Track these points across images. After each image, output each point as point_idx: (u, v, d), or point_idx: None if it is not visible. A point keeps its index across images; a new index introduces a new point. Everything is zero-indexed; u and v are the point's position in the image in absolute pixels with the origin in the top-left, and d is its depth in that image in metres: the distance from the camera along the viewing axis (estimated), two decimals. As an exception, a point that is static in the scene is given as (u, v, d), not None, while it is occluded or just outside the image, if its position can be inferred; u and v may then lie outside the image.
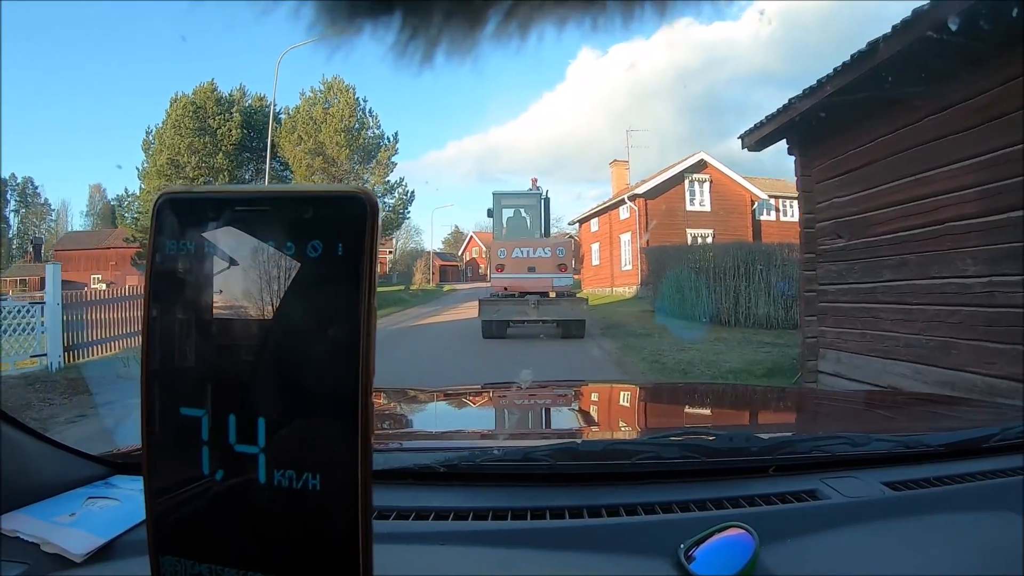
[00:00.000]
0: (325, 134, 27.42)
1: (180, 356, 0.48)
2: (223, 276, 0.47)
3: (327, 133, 27.38)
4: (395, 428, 1.57)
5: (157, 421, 0.49)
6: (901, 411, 1.98)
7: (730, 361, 9.92)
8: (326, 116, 27.89)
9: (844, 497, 0.96)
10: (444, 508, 0.91)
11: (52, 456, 0.95)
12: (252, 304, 0.46)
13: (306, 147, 27.33)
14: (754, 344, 11.88)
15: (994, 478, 1.05)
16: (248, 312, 0.46)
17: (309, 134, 27.69)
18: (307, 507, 0.46)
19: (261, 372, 0.47)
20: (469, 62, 0.43)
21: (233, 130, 28.73)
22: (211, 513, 0.48)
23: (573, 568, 0.79)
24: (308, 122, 27.96)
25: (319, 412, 0.46)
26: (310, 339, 0.46)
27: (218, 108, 29.16)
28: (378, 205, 0.46)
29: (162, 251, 0.48)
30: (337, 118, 27.79)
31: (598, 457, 1.03)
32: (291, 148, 27.70)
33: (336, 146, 27.29)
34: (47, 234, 57.34)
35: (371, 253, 0.44)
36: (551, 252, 13.22)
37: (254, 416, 0.46)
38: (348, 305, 0.44)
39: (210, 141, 28.48)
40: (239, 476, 0.47)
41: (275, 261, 0.45)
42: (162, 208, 0.48)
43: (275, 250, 0.45)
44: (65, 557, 0.75)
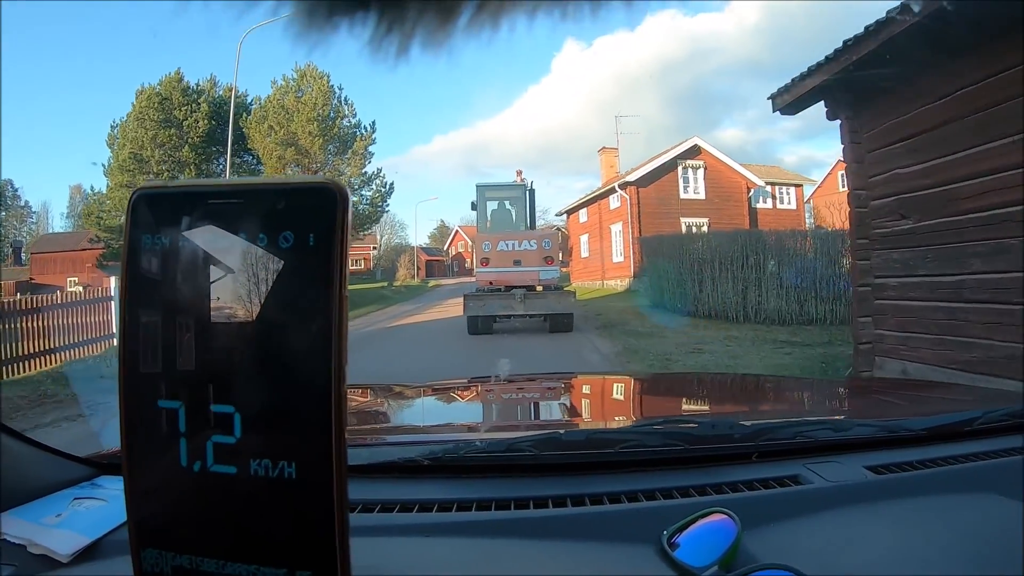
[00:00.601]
0: (297, 124, 25.77)
1: (157, 350, 0.48)
2: (198, 270, 0.47)
3: (299, 123, 25.73)
4: (381, 423, 1.64)
5: (135, 414, 0.49)
6: (884, 396, 2.01)
7: (750, 366, 8.72)
8: (298, 105, 26.24)
9: (826, 481, 0.98)
10: (428, 500, 0.92)
11: (38, 459, 0.96)
12: (227, 296, 0.47)
13: (277, 138, 25.68)
14: (770, 344, 10.76)
15: (976, 460, 1.07)
16: (223, 304, 0.47)
17: (281, 124, 26.02)
18: (283, 495, 0.47)
19: (237, 363, 0.47)
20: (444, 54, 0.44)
21: (200, 121, 27.02)
22: (190, 504, 0.49)
23: (557, 557, 0.81)
24: (279, 111, 26.26)
25: (293, 401, 0.46)
26: (283, 329, 0.46)
27: (184, 99, 27.45)
28: (348, 196, 0.46)
29: (138, 246, 0.48)
30: (310, 106, 26.11)
31: (581, 446, 1.06)
32: (261, 139, 26.05)
33: (309, 136, 25.64)
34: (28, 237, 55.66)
35: (342, 243, 0.45)
36: (537, 244, 12.89)
37: (230, 407, 0.47)
38: (320, 294, 0.45)
39: (176, 133, 26.80)
40: (216, 466, 0.48)
41: (248, 253, 0.46)
42: (137, 204, 0.49)
43: (248, 242, 0.46)
44: (52, 557, 0.77)
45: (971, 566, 0.75)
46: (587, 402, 2.03)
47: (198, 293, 0.47)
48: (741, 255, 14.17)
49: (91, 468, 1.01)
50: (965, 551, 0.78)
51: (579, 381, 2.40)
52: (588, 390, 2.19)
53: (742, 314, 13.90)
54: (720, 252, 14.52)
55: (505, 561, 0.79)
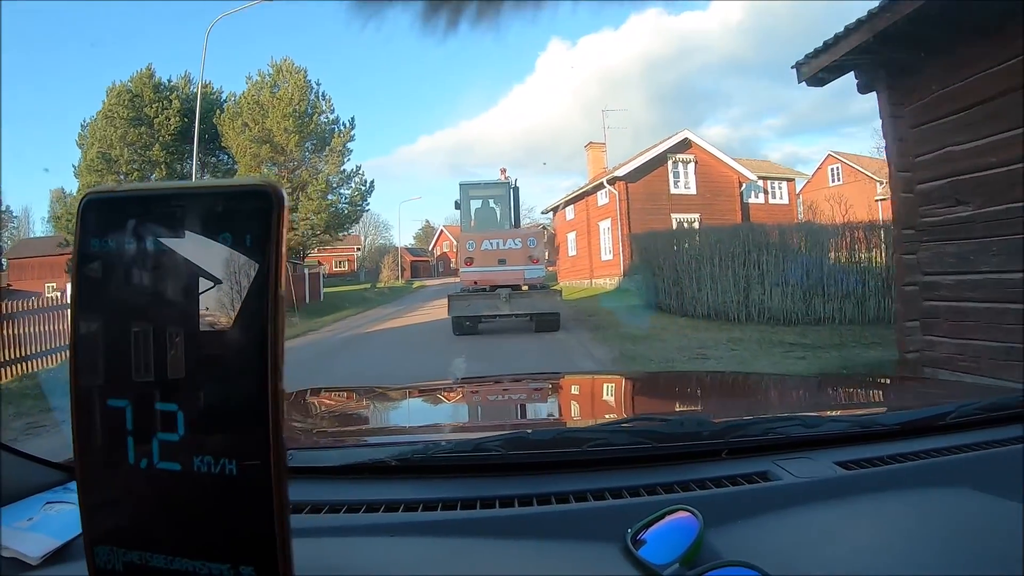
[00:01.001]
0: (272, 120, 24.61)
1: (106, 351, 0.49)
2: (143, 272, 0.49)
3: (274, 119, 24.57)
4: (354, 425, 1.67)
5: (85, 414, 0.50)
6: (857, 392, 2.02)
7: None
8: (274, 100, 25.08)
9: (795, 477, 0.97)
10: (395, 500, 0.92)
11: (11, 464, 0.96)
12: (170, 297, 0.48)
13: (251, 134, 24.51)
14: (779, 347, 9.98)
15: (949, 455, 1.07)
16: (167, 305, 0.48)
17: (256, 120, 24.82)
18: (226, 491, 0.48)
19: (179, 362, 0.48)
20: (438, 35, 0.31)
21: (172, 119, 25.89)
22: (138, 501, 0.50)
23: (522, 556, 0.81)
24: (254, 107, 25.10)
25: (232, 399, 0.48)
26: (223, 328, 0.47)
27: (156, 96, 26.34)
28: (284, 196, 0.47)
29: (87, 249, 0.50)
30: (285, 101, 24.92)
31: (548, 446, 1.05)
32: (235, 136, 24.86)
33: (284, 133, 24.47)
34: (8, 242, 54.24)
35: (277, 243, 0.46)
36: (522, 243, 12.81)
37: (174, 405, 0.48)
38: (256, 293, 0.46)
39: (146, 132, 25.66)
40: (162, 463, 0.49)
41: (191, 251, 0.47)
42: (86, 208, 0.50)
43: (192, 241, 0.48)
44: (22, 560, 0.77)
45: (943, 560, 0.74)
46: (564, 401, 2.02)
47: (143, 296, 0.48)
48: (743, 251, 13.33)
49: (64, 473, 1.00)
50: (937, 545, 0.79)
51: (560, 381, 2.39)
52: (567, 390, 2.19)
53: (744, 313, 13.11)
54: (720, 248, 13.67)
55: (469, 560, 0.79)
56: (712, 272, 13.64)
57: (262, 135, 24.59)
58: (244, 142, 24.48)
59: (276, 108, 24.79)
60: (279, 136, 24.54)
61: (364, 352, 11.44)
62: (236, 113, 25.40)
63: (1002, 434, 1.16)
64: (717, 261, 13.57)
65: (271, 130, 24.61)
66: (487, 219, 14.81)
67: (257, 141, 24.45)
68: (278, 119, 24.53)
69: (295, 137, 24.60)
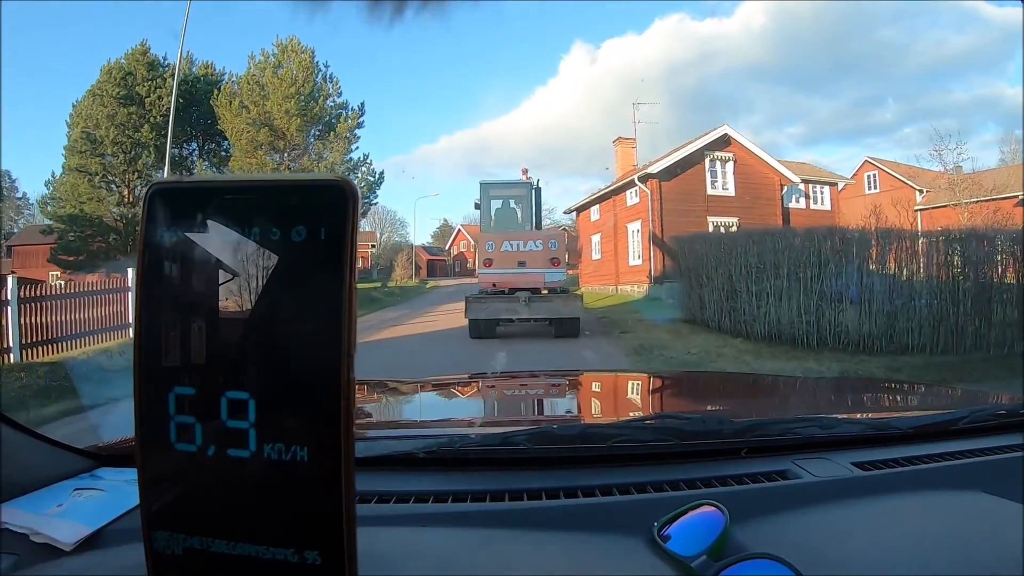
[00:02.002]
0: (273, 102, 22.57)
1: (172, 339, 0.50)
2: (211, 262, 0.49)
3: (275, 100, 22.52)
4: (380, 418, 1.70)
5: (150, 401, 0.51)
6: (872, 395, 2.08)
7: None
8: (276, 81, 22.98)
9: (814, 477, 1.01)
10: (424, 492, 0.94)
11: (39, 450, 0.98)
12: (241, 287, 0.49)
13: (248, 117, 22.46)
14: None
15: (962, 459, 1.11)
16: (237, 295, 0.49)
17: (255, 102, 22.84)
18: (295, 478, 0.49)
19: (250, 351, 0.49)
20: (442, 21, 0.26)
21: (164, 98, 23.83)
22: (202, 487, 0.51)
23: (550, 547, 0.82)
24: (254, 88, 23.07)
25: (305, 388, 0.48)
26: (296, 319, 0.48)
27: (149, 74, 24.31)
28: (358, 193, 0.48)
29: (152, 240, 0.50)
30: (287, 82, 22.84)
31: (574, 441, 1.08)
32: (232, 119, 22.81)
33: (285, 115, 22.41)
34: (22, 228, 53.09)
35: (352, 237, 0.47)
36: (543, 245, 12.46)
37: (245, 393, 0.49)
38: (331, 286, 0.47)
39: (136, 111, 23.65)
40: (230, 450, 0.50)
41: (261, 246, 0.48)
42: (152, 199, 0.51)
43: (261, 236, 0.48)
44: (54, 547, 0.78)
45: (956, 560, 0.76)
46: (584, 398, 2.06)
47: (212, 285, 0.49)
48: (817, 259, 10.95)
49: (91, 460, 1.02)
50: (950, 546, 0.81)
51: (579, 378, 2.47)
52: (586, 387, 2.22)
53: (814, 337, 10.72)
54: (788, 256, 11.24)
55: (498, 550, 0.80)
56: (778, 285, 11.27)
57: (262, 118, 22.51)
58: (241, 125, 22.42)
59: (278, 89, 22.70)
60: (279, 119, 22.47)
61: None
62: (234, 93, 23.28)
63: (1013, 440, 1.19)
64: (785, 272, 11.19)
65: (271, 113, 22.56)
66: (507, 220, 14.53)
67: (255, 124, 22.36)
68: (279, 101, 22.51)
69: (297, 121, 22.53)
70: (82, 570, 0.74)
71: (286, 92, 22.61)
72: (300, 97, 22.89)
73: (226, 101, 23.07)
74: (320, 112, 23.60)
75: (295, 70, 23.20)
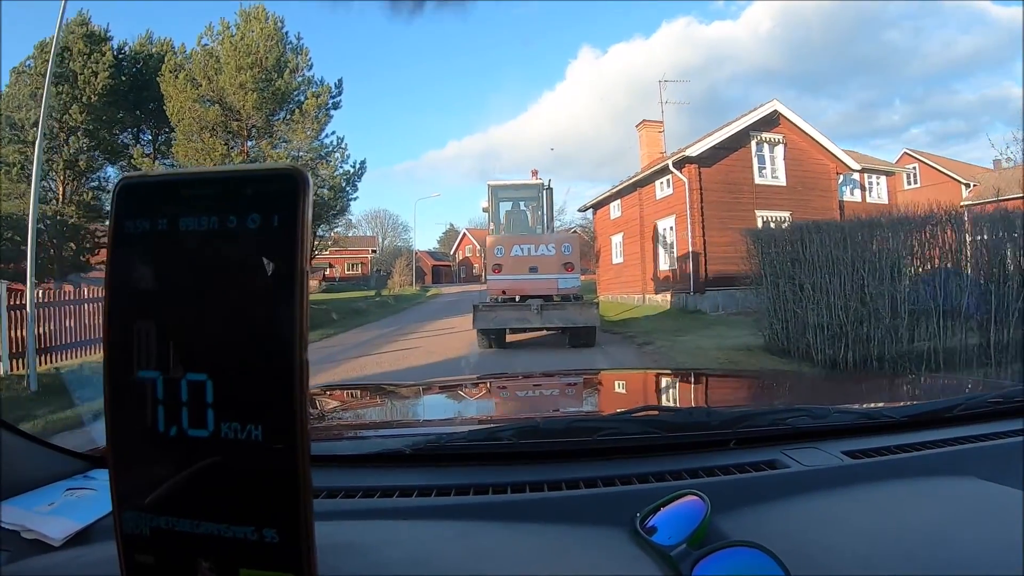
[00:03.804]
0: (227, 75, 18.53)
1: (137, 325, 0.52)
2: (175, 251, 0.51)
3: (229, 73, 18.48)
4: (372, 418, 1.75)
5: (117, 385, 0.53)
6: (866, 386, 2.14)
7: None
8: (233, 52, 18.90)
9: (803, 466, 1.00)
10: (409, 486, 0.95)
11: (35, 453, 1.00)
12: (201, 274, 0.51)
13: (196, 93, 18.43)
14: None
15: (956, 445, 1.09)
16: (198, 281, 0.51)
17: (207, 76, 18.85)
18: (251, 456, 0.50)
19: (209, 333, 0.51)
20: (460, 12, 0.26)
21: (100, 74, 19.94)
22: (167, 468, 0.52)
23: (532, 538, 0.83)
24: (207, 60, 19.06)
25: (261, 367, 0.49)
26: (251, 302, 0.50)
27: (86, 47, 20.35)
28: (309, 180, 0.50)
29: (120, 231, 0.52)
30: (243, 52, 18.82)
31: (560, 435, 1.08)
32: (177, 95, 18.78)
33: (240, 90, 18.36)
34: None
35: (303, 222, 0.49)
36: (555, 249, 11.78)
37: (203, 374, 0.50)
38: (284, 270, 0.49)
39: (66, 90, 19.66)
40: (191, 430, 0.51)
41: (220, 235, 0.50)
42: (120, 192, 0.53)
43: (220, 224, 0.50)
44: (45, 542, 0.81)
45: (945, 546, 0.76)
46: (574, 395, 2.07)
47: (175, 273, 0.51)
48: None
49: (84, 461, 1.04)
50: (939, 531, 0.80)
51: (575, 378, 2.45)
52: (579, 385, 2.22)
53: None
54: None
55: (476, 542, 0.81)
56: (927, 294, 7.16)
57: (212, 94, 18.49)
58: (187, 103, 18.37)
59: (233, 59, 18.65)
60: (233, 95, 18.40)
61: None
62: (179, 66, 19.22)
63: (1010, 426, 1.18)
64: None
65: (224, 89, 18.53)
66: (517, 223, 14.06)
67: (203, 101, 18.33)
68: (233, 73, 18.42)
69: (253, 96, 18.50)
70: (69, 563, 0.77)
71: (241, 62, 18.59)
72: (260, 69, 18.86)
73: (170, 75, 19.02)
74: (284, 87, 19.59)
75: (257, 39, 19.20)
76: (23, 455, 0.97)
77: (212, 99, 18.63)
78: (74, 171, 20.75)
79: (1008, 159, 24.79)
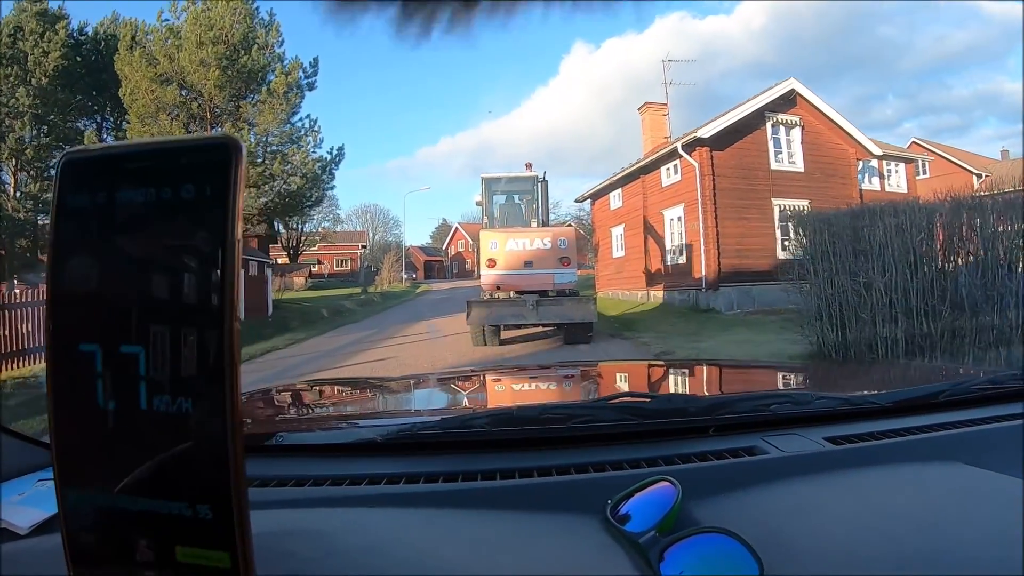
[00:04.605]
0: (188, 51, 16.68)
1: (77, 298, 0.52)
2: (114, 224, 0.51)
3: (190, 49, 16.63)
4: (345, 409, 1.71)
5: (57, 359, 0.53)
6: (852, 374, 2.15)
7: None
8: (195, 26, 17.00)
9: (782, 452, 0.99)
10: (378, 474, 0.95)
11: (7, 444, 1.01)
12: (136, 244, 0.51)
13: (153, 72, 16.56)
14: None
15: (941, 431, 1.08)
16: (134, 252, 0.51)
17: (167, 54, 16.99)
18: (183, 431, 0.50)
19: (144, 305, 0.51)
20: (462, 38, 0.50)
21: (52, 54, 18.09)
22: (104, 442, 0.52)
23: (496, 525, 0.83)
24: (167, 36, 17.20)
25: (191, 337, 0.49)
26: (184, 273, 0.50)
27: (39, 26, 18.55)
28: (242, 148, 0.49)
29: (63, 206, 0.52)
30: (206, 26, 16.97)
31: (534, 422, 1.07)
32: (132, 73, 16.89)
33: (200, 67, 16.50)
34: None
35: (234, 193, 0.49)
36: (551, 243, 11.41)
37: (139, 347, 0.50)
38: (216, 239, 0.49)
39: (16, 72, 17.85)
40: (126, 404, 0.51)
41: (156, 206, 0.50)
42: (63, 167, 0.53)
43: (157, 196, 0.50)
44: (11, 531, 0.82)
45: (926, 531, 0.75)
46: (554, 385, 2.06)
47: (114, 246, 0.51)
48: None
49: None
50: (920, 516, 0.79)
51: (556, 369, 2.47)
52: (560, 376, 2.22)
53: None
54: None
55: (444, 528, 0.81)
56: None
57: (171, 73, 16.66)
58: (143, 82, 16.52)
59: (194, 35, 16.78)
60: (194, 73, 16.56)
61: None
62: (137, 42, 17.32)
63: (997, 411, 1.16)
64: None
65: (185, 67, 16.69)
66: (512, 216, 13.79)
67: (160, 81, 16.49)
68: (193, 49, 16.58)
69: (216, 74, 16.66)
70: (32, 549, 0.78)
71: (204, 37, 16.73)
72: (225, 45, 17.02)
73: (126, 53, 17.14)
74: (251, 65, 17.72)
75: (223, 12, 17.33)
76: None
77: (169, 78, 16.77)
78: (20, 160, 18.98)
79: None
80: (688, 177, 17.41)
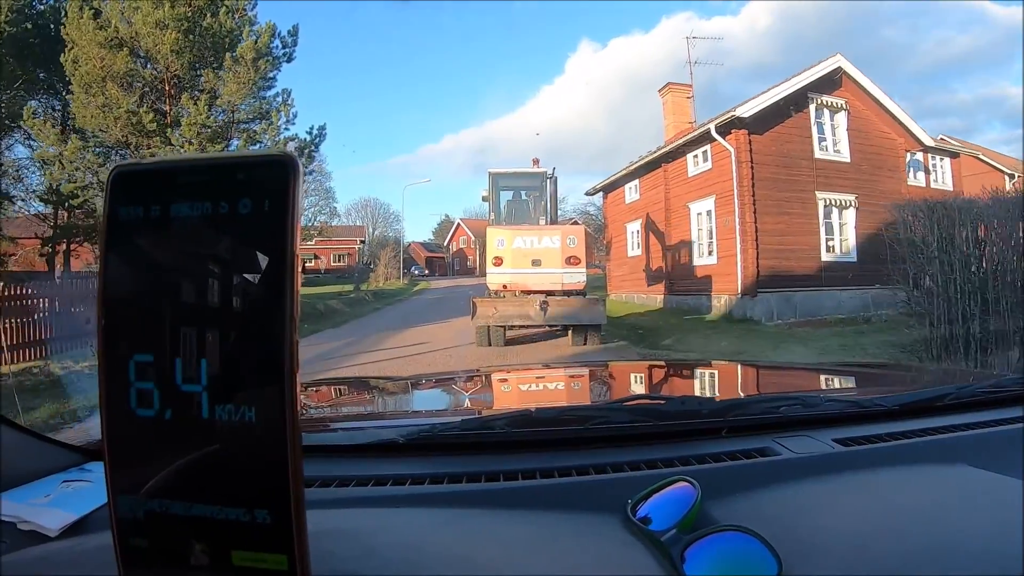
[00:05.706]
0: (143, 11, 14.42)
1: (131, 310, 0.53)
2: (167, 237, 0.52)
3: (146, 9, 14.38)
4: (368, 410, 1.74)
5: (112, 369, 0.53)
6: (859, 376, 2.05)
7: None
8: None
9: (793, 453, 1.00)
10: (401, 475, 0.96)
11: (30, 446, 1.00)
12: (193, 258, 0.51)
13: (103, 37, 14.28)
14: None
15: (947, 433, 1.09)
16: (190, 265, 0.51)
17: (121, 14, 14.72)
18: (244, 438, 0.51)
19: (203, 317, 0.51)
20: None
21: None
22: (161, 451, 0.53)
23: (520, 525, 0.83)
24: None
25: (253, 350, 0.51)
26: (243, 286, 0.51)
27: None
28: (299, 166, 0.50)
29: (115, 219, 0.53)
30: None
31: (552, 423, 1.09)
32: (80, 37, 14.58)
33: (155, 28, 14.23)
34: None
35: (293, 207, 0.50)
36: (560, 241, 11.08)
37: (197, 358, 0.51)
38: (275, 253, 0.50)
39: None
40: (185, 413, 0.52)
41: (212, 220, 0.51)
42: (115, 180, 0.54)
43: (212, 211, 0.51)
44: (41, 533, 0.82)
45: (934, 531, 0.76)
46: (569, 385, 2.06)
47: (168, 258, 0.52)
48: None
49: (79, 455, 1.04)
50: (928, 517, 0.80)
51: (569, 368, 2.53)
52: (575, 376, 2.23)
53: None
54: None
55: (472, 528, 0.82)
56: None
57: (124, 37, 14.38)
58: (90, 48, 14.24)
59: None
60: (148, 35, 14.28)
61: None
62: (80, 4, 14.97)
63: (1002, 415, 1.18)
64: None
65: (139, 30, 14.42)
66: (519, 213, 13.33)
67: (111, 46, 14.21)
68: (150, 9, 14.29)
69: (173, 37, 14.30)
70: (66, 552, 0.77)
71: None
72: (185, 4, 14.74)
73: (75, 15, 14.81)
74: (216, 28, 15.42)
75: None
76: (19, 449, 0.97)
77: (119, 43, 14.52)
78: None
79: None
80: (721, 165, 15.21)
